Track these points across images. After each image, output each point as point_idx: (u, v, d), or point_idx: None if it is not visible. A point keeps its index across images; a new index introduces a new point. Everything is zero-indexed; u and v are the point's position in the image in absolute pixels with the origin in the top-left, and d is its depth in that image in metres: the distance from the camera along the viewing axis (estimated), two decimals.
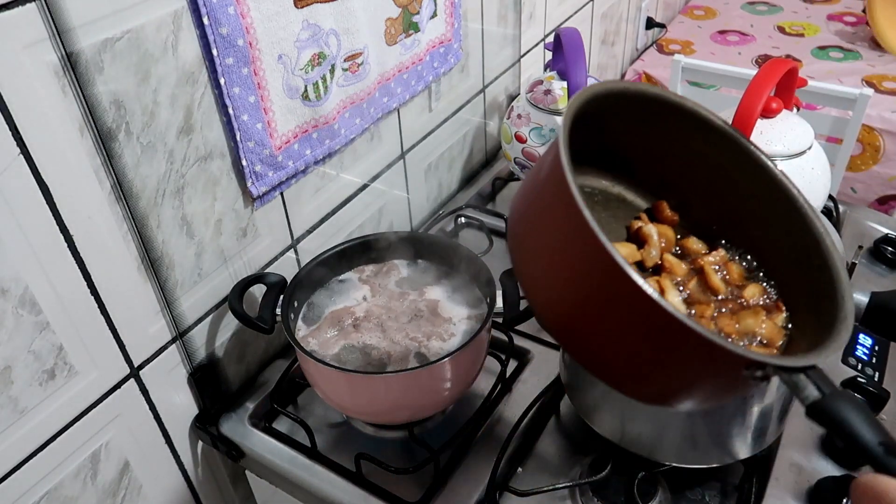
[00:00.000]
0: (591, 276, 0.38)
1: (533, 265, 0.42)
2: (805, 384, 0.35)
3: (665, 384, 0.41)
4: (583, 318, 0.40)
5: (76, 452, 0.67)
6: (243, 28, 0.66)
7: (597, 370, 0.43)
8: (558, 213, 0.39)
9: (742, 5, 2.14)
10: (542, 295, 0.42)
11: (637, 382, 0.42)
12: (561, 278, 0.40)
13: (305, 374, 0.74)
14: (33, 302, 0.59)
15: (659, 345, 0.38)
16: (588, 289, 0.38)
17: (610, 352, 0.40)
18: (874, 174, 1.58)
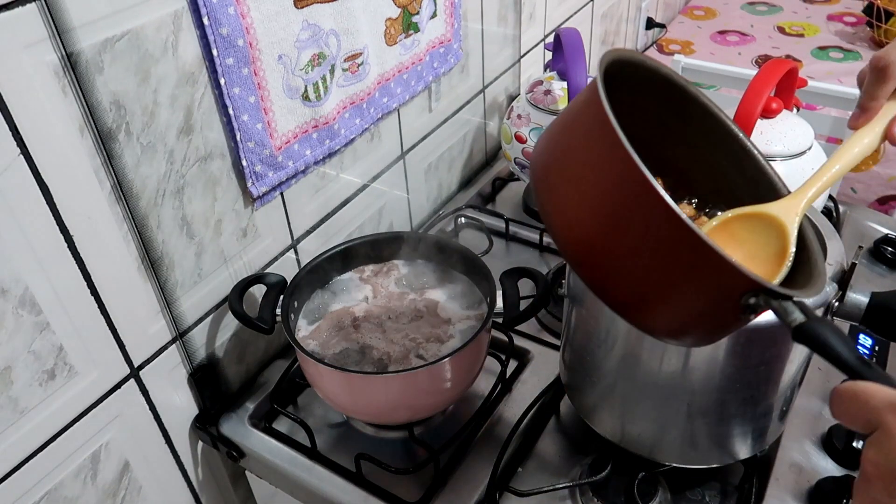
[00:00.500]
0: (622, 190, 0.42)
1: (562, 188, 0.46)
2: (793, 309, 0.40)
3: (669, 307, 0.44)
4: (608, 233, 0.44)
5: (76, 453, 0.67)
6: (243, 28, 0.66)
7: (608, 289, 0.46)
8: (594, 135, 0.43)
9: (742, 5, 2.14)
10: (571, 214, 0.45)
11: (644, 303, 0.45)
12: (591, 195, 0.44)
13: (305, 375, 0.74)
14: (33, 302, 0.59)
15: (675, 259, 0.41)
16: (617, 203, 0.43)
17: (625, 268, 0.44)
18: (874, 174, 1.58)
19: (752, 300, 0.41)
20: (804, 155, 0.88)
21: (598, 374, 0.64)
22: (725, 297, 0.42)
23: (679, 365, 0.57)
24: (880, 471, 0.33)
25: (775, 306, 0.40)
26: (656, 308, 0.45)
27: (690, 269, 0.41)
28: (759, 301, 0.41)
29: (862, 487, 0.34)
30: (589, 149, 0.44)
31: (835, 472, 0.68)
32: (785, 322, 0.40)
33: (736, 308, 0.42)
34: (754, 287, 0.41)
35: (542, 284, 0.73)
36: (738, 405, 0.59)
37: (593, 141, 0.44)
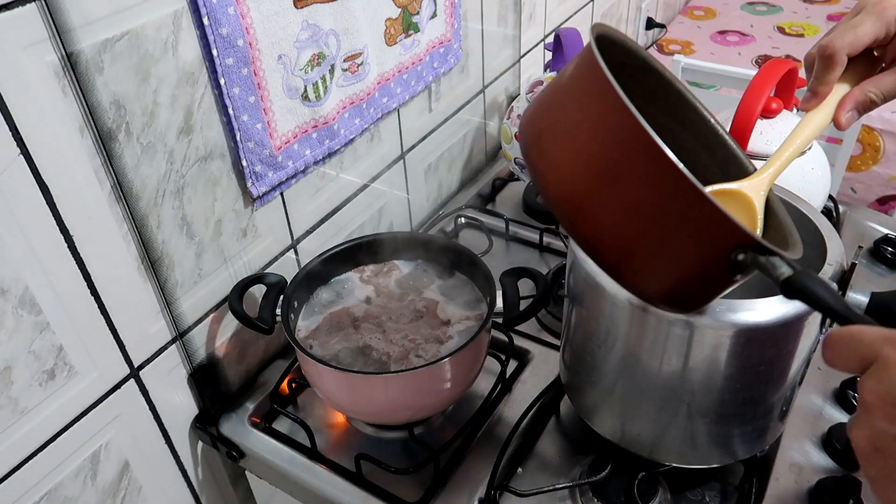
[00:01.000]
0: (619, 142, 0.43)
1: (556, 146, 0.47)
2: (780, 264, 0.41)
3: (660, 263, 0.45)
4: (603, 186, 0.44)
5: (76, 453, 0.67)
6: (243, 28, 0.66)
7: (600, 247, 0.46)
8: (589, 90, 0.45)
9: (742, 6, 2.14)
10: (564, 170, 0.46)
11: (635, 259, 0.45)
12: (586, 150, 0.45)
13: (305, 375, 0.74)
14: (33, 302, 0.59)
15: (670, 209, 0.42)
16: (613, 155, 0.43)
17: (619, 221, 0.44)
18: (874, 174, 1.59)
19: (742, 256, 0.42)
20: (804, 155, 0.88)
21: (598, 374, 0.64)
22: (716, 251, 0.43)
23: (679, 365, 0.57)
24: (881, 399, 0.33)
25: (763, 262, 0.42)
26: (647, 264, 0.45)
27: (685, 220, 0.42)
28: (748, 258, 0.42)
29: (862, 419, 0.35)
30: (584, 106, 0.45)
31: (835, 472, 0.68)
32: (773, 277, 0.41)
33: (725, 264, 0.43)
34: (746, 241, 0.42)
35: (542, 284, 0.73)
36: (738, 405, 0.59)
37: (588, 98, 0.45)
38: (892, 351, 0.34)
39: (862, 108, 0.55)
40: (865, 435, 0.34)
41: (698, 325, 0.53)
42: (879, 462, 0.34)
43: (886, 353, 0.34)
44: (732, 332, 0.53)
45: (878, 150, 1.56)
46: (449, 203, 1.16)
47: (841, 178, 1.41)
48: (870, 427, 0.34)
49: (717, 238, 0.42)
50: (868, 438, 0.34)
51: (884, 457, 0.33)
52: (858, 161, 1.59)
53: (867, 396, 0.34)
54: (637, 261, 0.46)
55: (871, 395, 0.34)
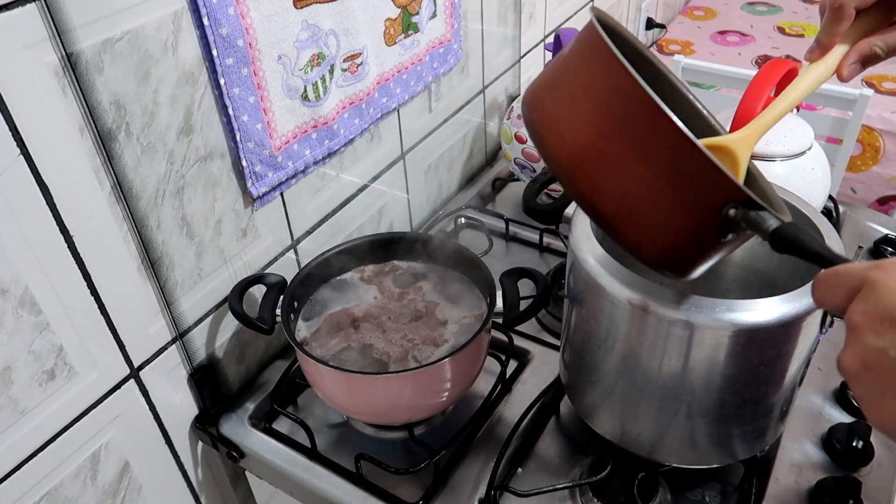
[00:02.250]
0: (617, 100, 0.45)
1: (556, 107, 0.49)
2: (768, 217, 0.43)
3: (654, 218, 0.47)
4: (602, 142, 0.46)
5: (76, 453, 0.67)
6: (243, 28, 0.66)
7: (597, 202, 0.48)
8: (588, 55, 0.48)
9: (742, 6, 2.14)
10: (564, 128, 0.48)
11: (630, 214, 0.47)
12: (585, 109, 0.47)
13: (305, 375, 0.74)
14: (33, 302, 0.59)
15: (666, 162, 0.44)
16: (612, 112, 0.46)
17: (616, 175, 0.46)
18: (874, 174, 1.59)
19: (732, 211, 0.44)
20: (804, 155, 0.88)
21: (598, 375, 0.64)
22: (708, 205, 0.45)
23: (679, 365, 0.57)
24: (869, 316, 0.34)
25: (752, 217, 0.43)
26: (643, 219, 0.47)
27: (680, 173, 0.44)
28: (738, 213, 0.44)
29: (851, 342, 0.35)
30: (584, 69, 0.48)
31: (835, 472, 0.68)
32: (761, 230, 0.43)
33: (716, 220, 0.45)
34: (737, 195, 0.43)
35: (542, 285, 0.73)
36: (738, 405, 0.59)
37: (588, 62, 0.48)
38: (878, 273, 0.34)
39: (865, 60, 0.55)
40: (854, 354, 0.35)
41: (698, 325, 0.53)
42: (870, 378, 0.34)
43: (873, 276, 0.34)
44: (732, 333, 0.53)
45: (878, 150, 1.56)
46: (449, 203, 1.16)
47: (841, 178, 1.41)
48: (859, 345, 0.34)
49: (709, 191, 0.44)
50: (858, 357, 0.34)
51: (874, 372, 0.34)
52: (858, 161, 1.59)
53: (855, 318, 0.35)
54: (633, 216, 0.47)
55: (858, 315, 0.34)
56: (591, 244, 0.59)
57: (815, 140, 0.90)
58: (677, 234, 0.47)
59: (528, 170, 1.12)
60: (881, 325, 0.33)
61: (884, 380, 0.33)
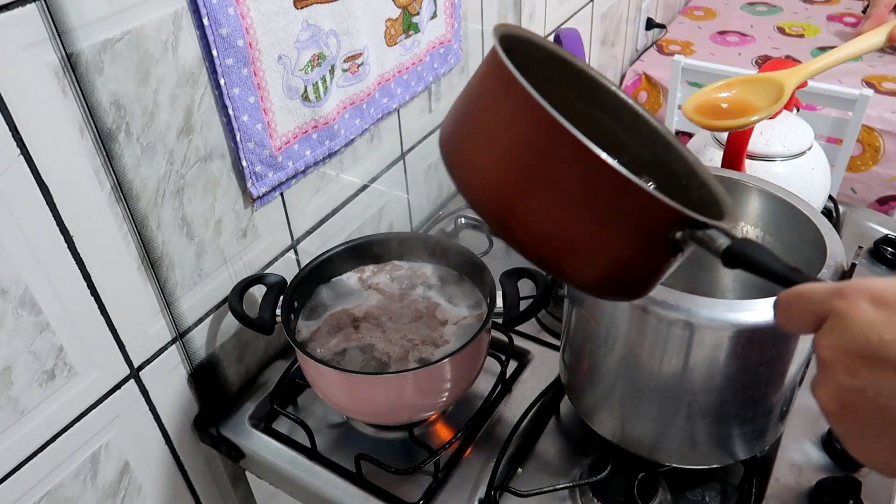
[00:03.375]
0: (536, 139, 0.42)
1: (476, 153, 0.46)
2: (718, 235, 0.41)
3: (600, 255, 0.45)
4: (531, 187, 0.43)
5: (76, 453, 0.67)
6: (243, 29, 0.66)
7: (540, 249, 0.45)
8: (500, 92, 0.44)
9: (742, 6, 2.14)
10: (489, 177, 0.45)
11: (575, 255, 0.45)
12: (506, 153, 0.44)
13: (305, 375, 0.74)
14: (33, 302, 0.59)
15: (600, 200, 0.42)
16: (534, 154, 0.43)
17: (554, 220, 0.44)
18: (874, 175, 1.58)
19: (679, 234, 0.42)
20: (804, 155, 0.88)
21: (598, 375, 0.64)
22: (653, 234, 0.43)
23: (679, 365, 0.57)
24: (839, 353, 0.33)
25: (700, 236, 0.42)
26: (588, 258, 0.45)
27: (616, 208, 0.42)
28: (685, 234, 0.42)
29: (823, 377, 0.34)
30: (497, 108, 0.45)
31: (835, 473, 0.68)
32: (712, 250, 0.41)
33: (664, 245, 0.43)
34: (680, 218, 0.42)
35: (542, 285, 0.73)
36: (738, 406, 0.59)
37: (500, 98, 0.44)
38: (841, 303, 0.33)
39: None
40: (829, 392, 0.33)
41: (698, 325, 0.53)
42: (848, 419, 0.33)
43: (837, 306, 0.33)
44: (732, 333, 0.53)
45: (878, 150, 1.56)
46: (449, 203, 1.16)
47: (841, 178, 1.40)
48: (832, 383, 0.33)
49: (651, 221, 0.42)
50: (833, 396, 0.33)
51: (851, 412, 0.33)
52: (858, 161, 1.58)
53: (824, 353, 0.33)
54: (577, 257, 0.45)
55: (827, 350, 0.33)
56: None
57: (815, 140, 0.90)
58: (627, 265, 0.45)
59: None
60: (853, 362, 0.32)
61: (863, 419, 0.32)
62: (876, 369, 0.31)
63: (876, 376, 0.31)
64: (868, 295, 0.32)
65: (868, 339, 0.31)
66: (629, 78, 1.85)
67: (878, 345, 0.31)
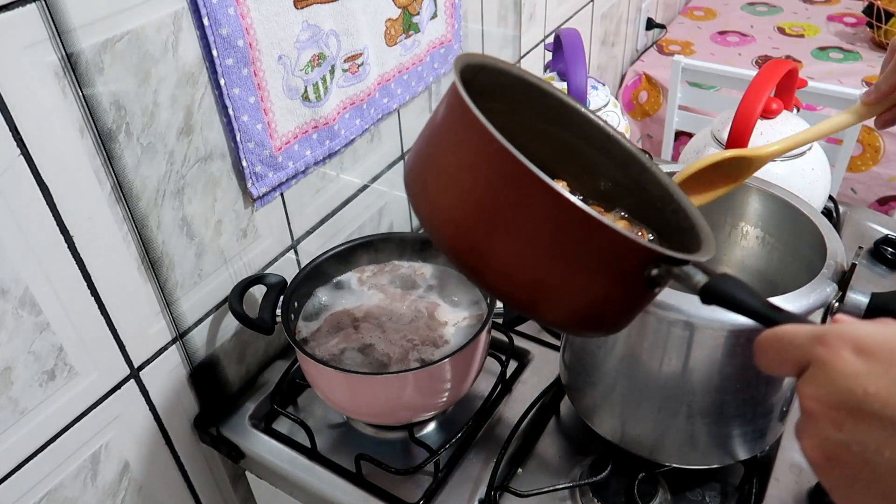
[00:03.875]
0: (500, 182, 0.41)
1: (442, 197, 0.44)
2: (695, 272, 0.40)
3: (575, 296, 0.43)
4: (501, 232, 0.42)
5: (76, 453, 0.67)
6: (243, 29, 0.66)
7: (514, 293, 0.44)
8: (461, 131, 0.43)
9: (742, 6, 2.14)
10: (458, 221, 0.44)
11: (551, 296, 0.44)
12: (472, 196, 0.42)
13: (306, 375, 0.74)
14: (33, 303, 0.59)
15: (572, 242, 0.41)
16: (500, 197, 0.41)
17: (526, 264, 0.42)
18: (874, 175, 1.58)
19: (655, 271, 0.41)
20: (804, 156, 0.88)
21: (598, 375, 0.64)
22: (628, 273, 0.42)
23: (679, 366, 0.57)
24: (822, 404, 0.32)
25: (677, 273, 0.41)
26: (563, 299, 0.44)
27: (589, 249, 0.41)
28: (661, 271, 0.41)
29: (808, 429, 0.33)
30: (461, 148, 0.43)
31: None
32: (690, 287, 0.40)
33: (640, 282, 0.42)
34: (654, 256, 0.41)
35: None
36: (738, 406, 0.59)
37: (463, 138, 0.43)
38: (824, 351, 0.32)
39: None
40: (814, 444, 0.32)
41: (698, 325, 0.53)
42: (834, 471, 0.32)
43: (819, 354, 0.32)
44: (732, 333, 0.53)
45: (879, 150, 1.56)
46: None
47: (841, 178, 1.41)
48: (817, 435, 0.32)
49: (625, 261, 0.41)
50: (818, 448, 0.32)
51: (837, 465, 0.32)
52: (858, 161, 1.58)
53: (808, 403, 0.32)
54: (551, 297, 0.44)
55: (811, 401, 0.32)
56: None
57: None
58: (602, 304, 0.44)
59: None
60: (837, 414, 0.31)
61: (849, 473, 0.31)
62: (861, 422, 0.30)
63: (861, 430, 0.30)
64: (851, 343, 0.31)
65: (852, 392, 0.31)
66: (629, 78, 1.85)
67: (863, 397, 0.30)
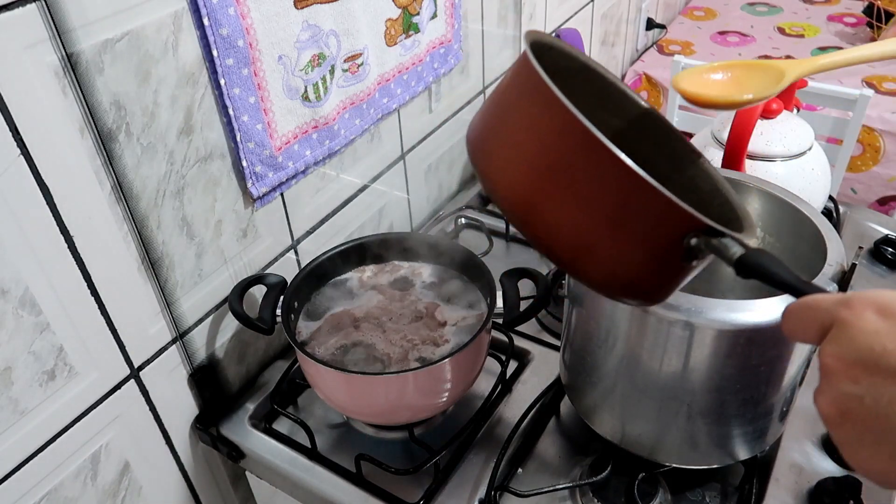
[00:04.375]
0: (562, 141, 0.44)
1: (502, 150, 0.47)
2: (732, 244, 0.42)
3: (615, 256, 0.45)
4: (553, 187, 0.45)
5: (76, 453, 0.67)
6: (243, 29, 0.66)
7: (555, 245, 0.47)
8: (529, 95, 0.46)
9: (742, 6, 2.14)
10: (512, 173, 0.47)
11: (591, 254, 0.46)
12: (531, 152, 0.45)
13: (306, 375, 0.74)
14: (33, 303, 0.59)
15: (621, 202, 0.43)
16: (559, 155, 0.44)
17: (572, 218, 0.45)
18: (874, 175, 1.58)
19: (695, 240, 0.43)
20: (804, 155, 0.88)
21: (599, 375, 0.64)
22: (669, 238, 0.43)
23: (679, 365, 0.57)
24: (842, 361, 0.33)
25: (716, 244, 0.42)
26: (602, 258, 0.46)
27: (635, 211, 0.43)
28: (701, 242, 0.42)
29: (825, 385, 0.34)
30: (524, 107, 0.46)
31: (835, 473, 0.68)
32: (726, 258, 0.42)
33: (679, 251, 0.43)
34: (697, 225, 0.42)
35: (543, 285, 0.73)
36: (739, 406, 0.59)
37: (528, 99, 0.46)
38: (848, 313, 0.33)
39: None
40: (830, 399, 0.34)
41: (698, 325, 0.53)
42: (847, 426, 0.33)
43: (843, 316, 0.34)
44: (732, 333, 0.53)
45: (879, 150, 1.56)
46: (449, 204, 1.16)
47: (841, 178, 1.41)
48: (834, 391, 0.33)
49: (669, 226, 0.43)
50: (833, 403, 0.34)
51: (851, 419, 0.33)
52: (859, 161, 1.58)
53: (828, 360, 0.34)
54: (591, 256, 0.46)
55: (831, 358, 0.34)
56: None
57: (815, 140, 0.90)
58: (640, 268, 0.46)
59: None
60: (854, 370, 0.32)
61: (861, 427, 0.33)
62: (876, 376, 0.32)
63: (876, 384, 0.32)
64: (874, 305, 0.33)
65: (871, 348, 0.32)
66: (629, 78, 1.85)
67: (881, 353, 0.32)
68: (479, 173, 0.50)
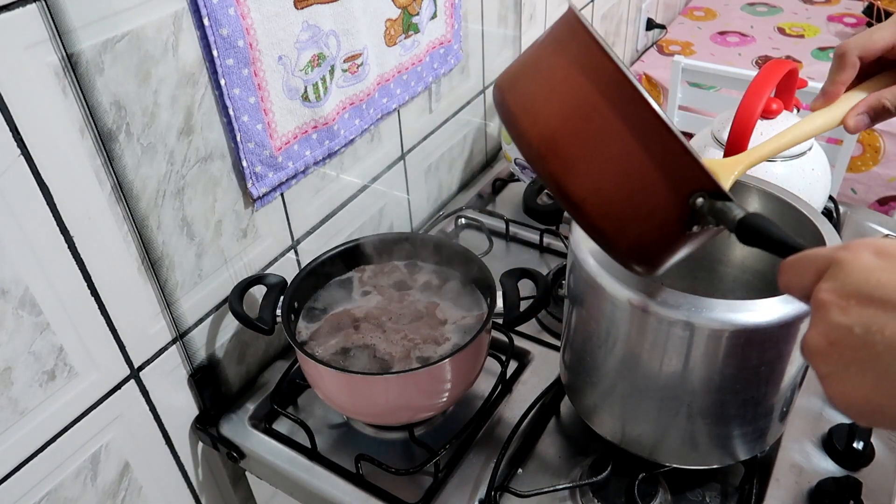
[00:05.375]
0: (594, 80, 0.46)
1: (530, 88, 0.49)
2: (733, 207, 0.44)
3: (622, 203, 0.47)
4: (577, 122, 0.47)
5: (76, 453, 0.67)
6: (244, 29, 0.66)
7: (567, 183, 0.48)
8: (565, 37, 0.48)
9: (742, 6, 2.14)
10: (538, 109, 0.48)
11: (599, 198, 0.47)
12: (561, 89, 0.47)
13: (306, 375, 0.74)
14: (33, 303, 0.59)
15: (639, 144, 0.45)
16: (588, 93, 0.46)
17: (588, 156, 0.47)
18: (874, 175, 1.58)
19: (700, 201, 0.44)
20: (804, 156, 0.88)
21: (599, 375, 0.64)
22: (677, 192, 0.45)
23: (679, 366, 0.57)
24: (835, 294, 0.34)
25: (718, 207, 0.44)
26: (611, 203, 0.47)
27: (652, 155, 0.44)
28: (705, 204, 0.44)
29: (816, 319, 0.35)
30: (560, 50, 0.48)
31: (835, 473, 0.68)
32: (727, 221, 0.44)
33: (684, 209, 0.45)
34: (705, 183, 0.44)
35: (543, 285, 0.73)
36: (739, 406, 0.59)
37: (565, 42, 0.48)
38: (844, 252, 0.34)
39: (874, 113, 0.55)
40: (819, 332, 0.34)
41: (698, 325, 0.53)
42: (833, 356, 0.34)
43: (840, 255, 0.35)
44: (732, 333, 0.53)
45: (879, 150, 1.56)
46: (449, 204, 1.16)
47: (841, 178, 1.41)
48: (824, 323, 0.34)
49: (680, 177, 0.44)
50: (822, 334, 0.34)
51: (838, 349, 0.33)
52: (859, 162, 1.58)
53: (822, 296, 0.34)
54: (602, 199, 0.47)
55: (825, 293, 0.34)
56: (591, 244, 0.59)
57: (815, 140, 0.90)
58: (645, 220, 0.47)
59: (528, 170, 1.12)
60: (847, 301, 0.33)
61: (847, 356, 0.33)
62: (867, 307, 0.32)
63: (866, 314, 0.32)
64: (872, 247, 0.34)
65: (865, 281, 0.33)
66: None
67: (875, 285, 0.33)
68: (502, 111, 0.51)
